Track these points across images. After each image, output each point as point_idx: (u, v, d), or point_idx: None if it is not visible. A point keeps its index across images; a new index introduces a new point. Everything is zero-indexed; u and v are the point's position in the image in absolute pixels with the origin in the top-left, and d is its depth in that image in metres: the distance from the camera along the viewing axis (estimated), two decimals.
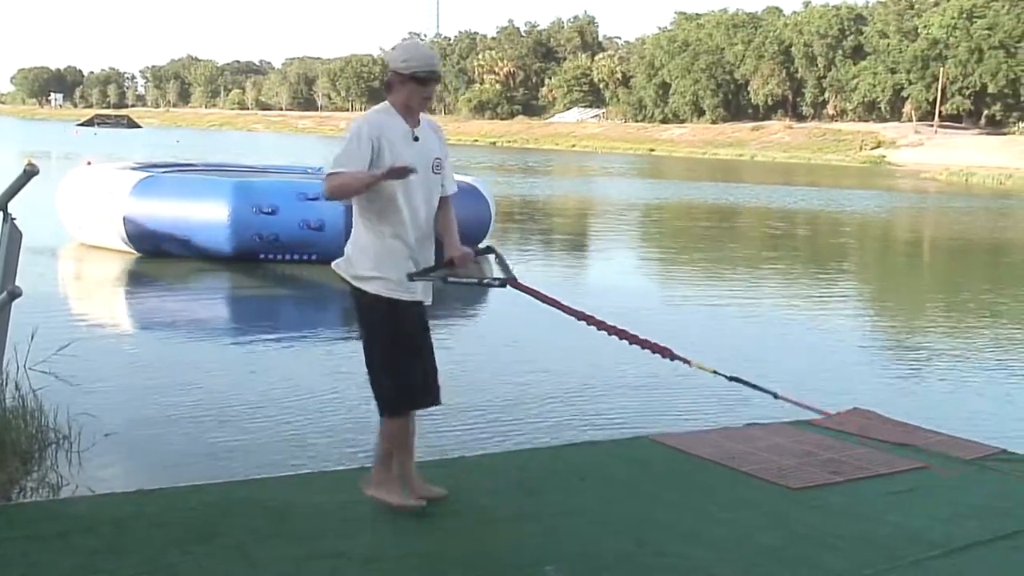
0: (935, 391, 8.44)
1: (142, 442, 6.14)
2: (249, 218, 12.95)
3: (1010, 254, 21.60)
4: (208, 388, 7.35)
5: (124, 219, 13.50)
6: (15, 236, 4.36)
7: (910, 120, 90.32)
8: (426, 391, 4.44)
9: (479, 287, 4.39)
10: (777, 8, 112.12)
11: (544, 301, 4.53)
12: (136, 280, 12.90)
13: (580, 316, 4.54)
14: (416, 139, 4.39)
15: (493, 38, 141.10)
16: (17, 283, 4.39)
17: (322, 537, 4.16)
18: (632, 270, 16.60)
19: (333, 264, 4.49)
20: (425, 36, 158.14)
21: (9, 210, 4.57)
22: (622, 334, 4.44)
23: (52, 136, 72.32)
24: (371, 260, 4.36)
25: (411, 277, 4.30)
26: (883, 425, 6.50)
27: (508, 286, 4.43)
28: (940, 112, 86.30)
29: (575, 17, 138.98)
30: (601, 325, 4.45)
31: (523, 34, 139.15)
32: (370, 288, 4.35)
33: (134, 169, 15.43)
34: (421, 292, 4.40)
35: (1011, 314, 12.98)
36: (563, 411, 7.12)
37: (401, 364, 4.36)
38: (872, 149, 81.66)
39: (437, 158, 4.48)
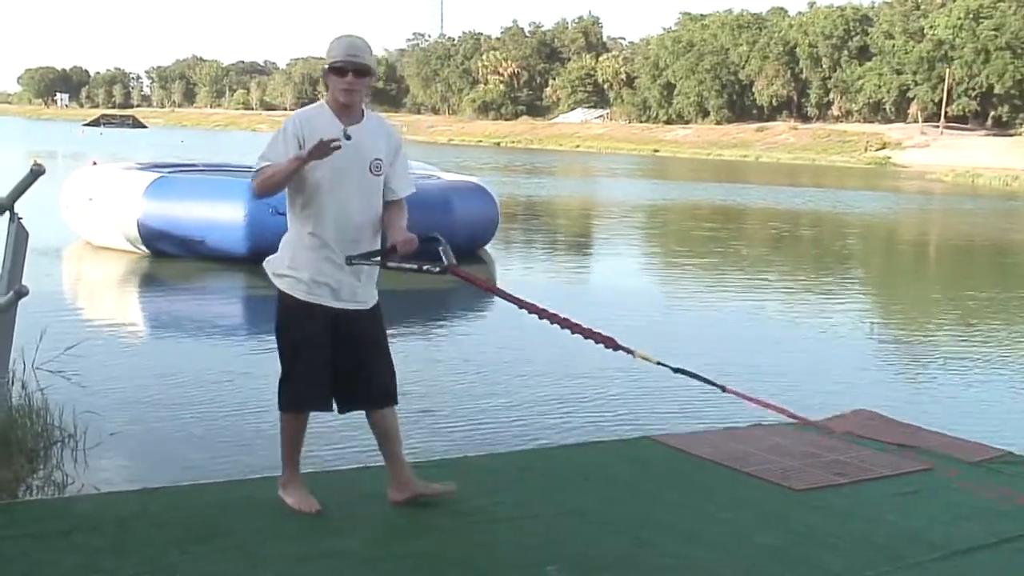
0: (940, 393, 8.44)
1: (146, 441, 6.16)
2: (265, 219, 12.84)
3: (1016, 255, 21.58)
4: (211, 388, 7.36)
5: (137, 220, 13.45)
6: (21, 235, 4.38)
7: (916, 121, 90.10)
8: (318, 397, 4.37)
9: (418, 273, 4.28)
10: (782, 9, 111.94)
11: (482, 287, 4.41)
12: (143, 280, 12.91)
13: (519, 303, 4.38)
14: (348, 137, 4.25)
15: (497, 38, 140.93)
16: (24, 282, 4.41)
17: (322, 536, 4.17)
18: (636, 272, 16.60)
19: (264, 262, 4.47)
20: (429, 36, 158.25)
21: (16, 209, 4.59)
22: (564, 323, 4.27)
23: (58, 136, 72.40)
24: (288, 258, 4.33)
25: (349, 260, 4.25)
26: (887, 426, 6.51)
27: (448, 272, 4.29)
28: (946, 113, 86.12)
29: (579, 17, 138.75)
30: (542, 313, 4.30)
31: (527, 34, 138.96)
32: (282, 285, 4.34)
33: (141, 169, 15.42)
34: (338, 296, 4.30)
35: (1017, 316, 12.97)
36: (565, 411, 7.12)
37: (297, 365, 4.34)
38: (877, 150, 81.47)
39: (377, 159, 4.33)
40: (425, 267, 4.27)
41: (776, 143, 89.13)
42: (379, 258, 4.35)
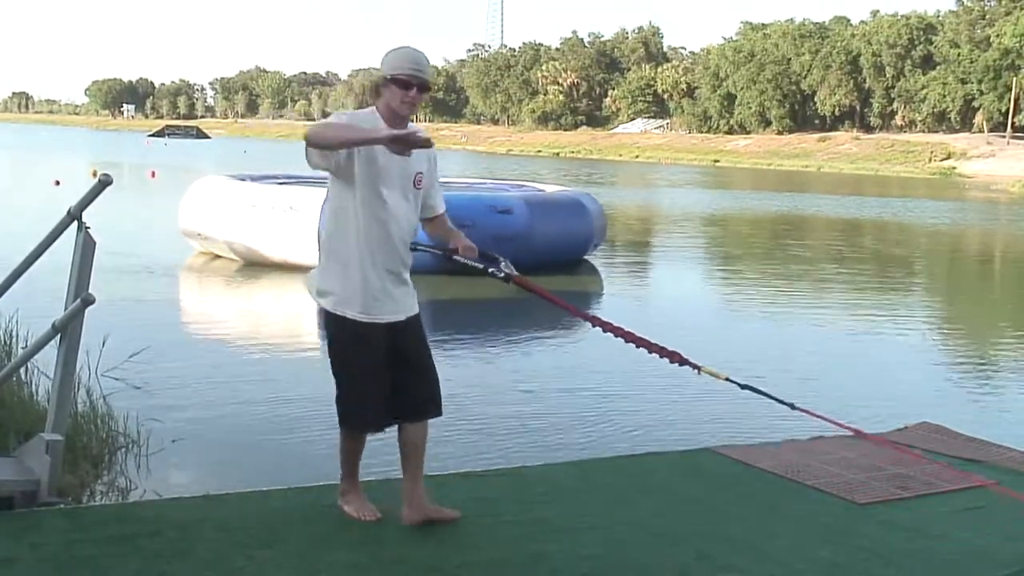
0: (1007, 407, 8.28)
1: (209, 448, 6.23)
2: None
3: None
4: (276, 396, 7.41)
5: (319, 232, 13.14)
6: (88, 245, 4.44)
7: (981, 131, 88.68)
8: (361, 417, 4.33)
9: (482, 274, 4.38)
10: (844, 18, 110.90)
11: (544, 297, 4.34)
12: (217, 288, 13.05)
13: (583, 316, 4.48)
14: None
15: (557, 49, 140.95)
16: (91, 291, 4.47)
17: (384, 543, 4.18)
18: (707, 283, 16.48)
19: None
20: (489, 47, 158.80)
21: (83, 219, 4.66)
22: (628, 336, 4.23)
23: (125, 146, 73.61)
24: (323, 271, 4.29)
25: (415, 247, 4.27)
26: (952, 440, 6.40)
27: (510, 281, 4.35)
28: (1013, 123, 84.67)
29: (639, 28, 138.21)
30: (606, 326, 4.29)
31: (587, 45, 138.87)
32: (323, 302, 4.28)
33: (257, 181, 15.91)
34: (376, 309, 4.20)
35: None
36: (625, 421, 7.09)
37: (344, 381, 4.31)
38: (942, 160, 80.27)
39: (419, 173, 4.26)
40: (491, 270, 4.39)
41: (838, 153, 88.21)
42: (445, 249, 4.42)
